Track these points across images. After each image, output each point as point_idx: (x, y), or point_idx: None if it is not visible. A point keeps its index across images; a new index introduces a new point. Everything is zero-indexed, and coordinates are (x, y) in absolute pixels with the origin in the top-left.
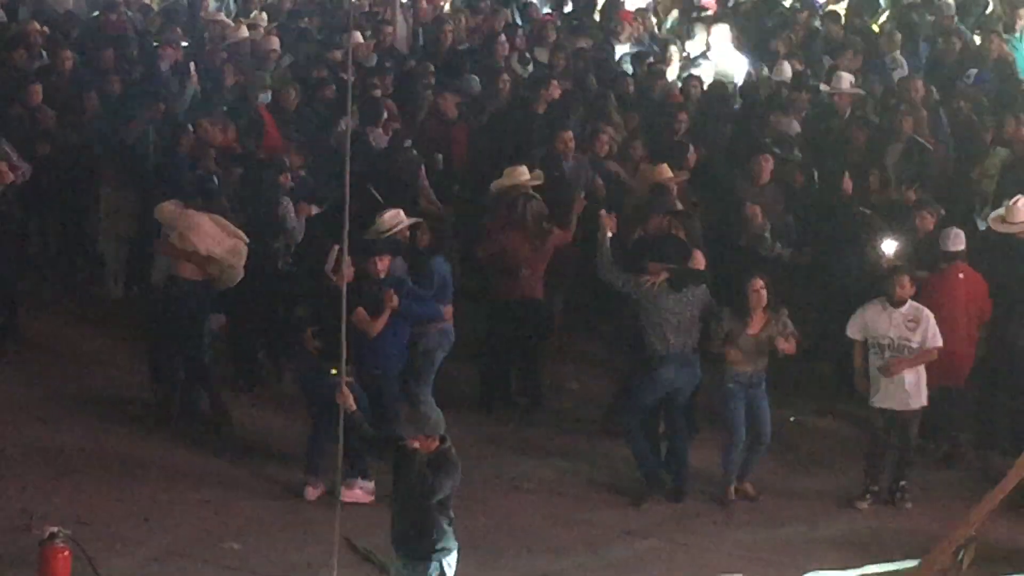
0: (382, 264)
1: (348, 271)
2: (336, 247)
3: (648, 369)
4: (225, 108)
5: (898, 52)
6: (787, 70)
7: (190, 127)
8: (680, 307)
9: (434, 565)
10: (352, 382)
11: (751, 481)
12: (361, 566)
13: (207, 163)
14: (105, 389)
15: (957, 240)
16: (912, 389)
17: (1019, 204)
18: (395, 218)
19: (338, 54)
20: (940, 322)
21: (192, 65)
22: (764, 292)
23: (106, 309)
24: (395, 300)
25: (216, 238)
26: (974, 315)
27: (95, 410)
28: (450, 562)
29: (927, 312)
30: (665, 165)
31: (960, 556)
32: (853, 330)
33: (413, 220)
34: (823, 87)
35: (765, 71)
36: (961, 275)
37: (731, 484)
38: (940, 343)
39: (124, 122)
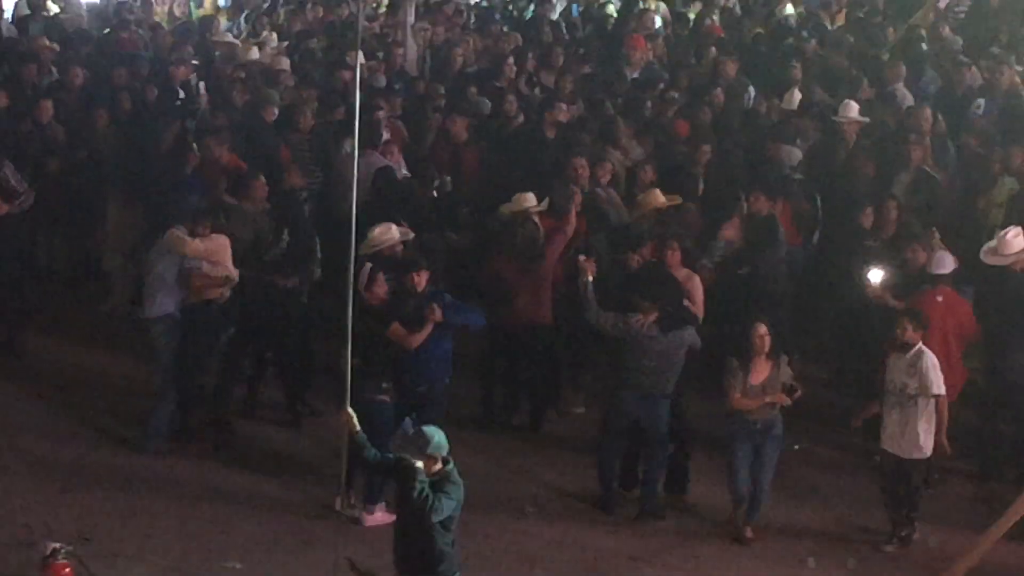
0: (419, 278)
1: (381, 288)
2: (369, 265)
3: (612, 395)
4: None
5: (901, 83)
6: (796, 98)
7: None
8: (664, 348)
9: None
10: (387, 401)
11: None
12: None
13: (216, 183)
14: (109, 405)
15: (941, 263)
16: (912, 438)
17: (1009, 236)
18: (385, 233)
19: (347, 75)
20: None
21: (202, 84)
22: (767, 339)
23: (111, 325)
24: (438, 313)
25: (230, 257)
26: (954, 337)
27: (99, 426)
28: None
29: (928, 358)
30: (657, 191)
31: None
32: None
33: (403, 235)
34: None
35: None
36: (940, 298)
37: (737, 522)
38: (940, 391)
39: (140, 139)
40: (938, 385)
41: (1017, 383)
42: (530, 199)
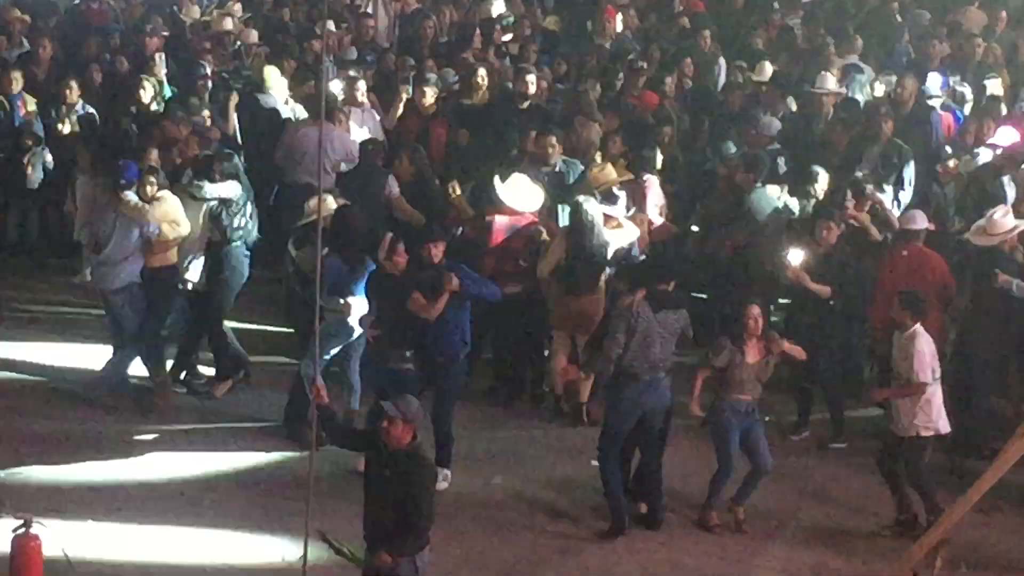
0: (436, 249)
1: (400, 259)
2: (389, 235)
3: (613, 392)
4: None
5: (856, 56)
6: (768, 70)
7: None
8: (663, 328)
9: (407, 560)
10: (412, 369)
11: (744, 506)
12: (334, 559)
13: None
14: (80, 377)
15: (910, 220)
16: (904, 416)
17: (998, 216)
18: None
19: (316, 45)
20: (877, 294)
21: (162, 56)
22: (761, 320)
23: (83, 296)
24: (455, 283)
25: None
26: (926, 293)
27: (69, 398)
28: (423, 558)
29: (919, 344)
30: (610, 166)
31: (934, 558)
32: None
33: (340, 206)
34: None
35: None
36: (905, 252)
37: (714, 510)
38: (924, 379)
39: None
40: (923, 373)
41: (987, 360)
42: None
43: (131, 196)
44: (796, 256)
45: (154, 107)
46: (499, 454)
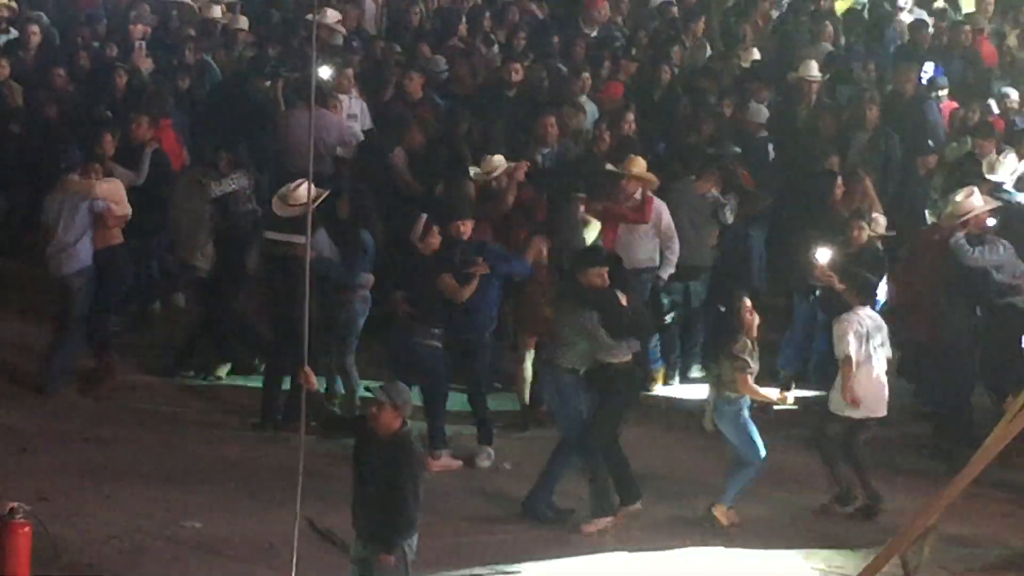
0: (464, 227)
1: (434, 240)
2: (423, 216)
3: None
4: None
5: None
6: (754, 55)
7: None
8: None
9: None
10: (438, 346)
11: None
12: (322, 546)
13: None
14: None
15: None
16: (839, 396)
17: (959, 198)
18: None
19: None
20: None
21: (141, 45)
22: (755, 314)
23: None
24: (484, 266)
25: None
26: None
27: (53, 386)
28: (411, 544)
29: (845, 327)
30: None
31: (921, 545)
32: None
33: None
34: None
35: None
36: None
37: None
38: (848, 356)
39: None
40: (848, 353)
41: (954, 345)
42: (498, 161)
43: (73, 177)
44: (824, 255)
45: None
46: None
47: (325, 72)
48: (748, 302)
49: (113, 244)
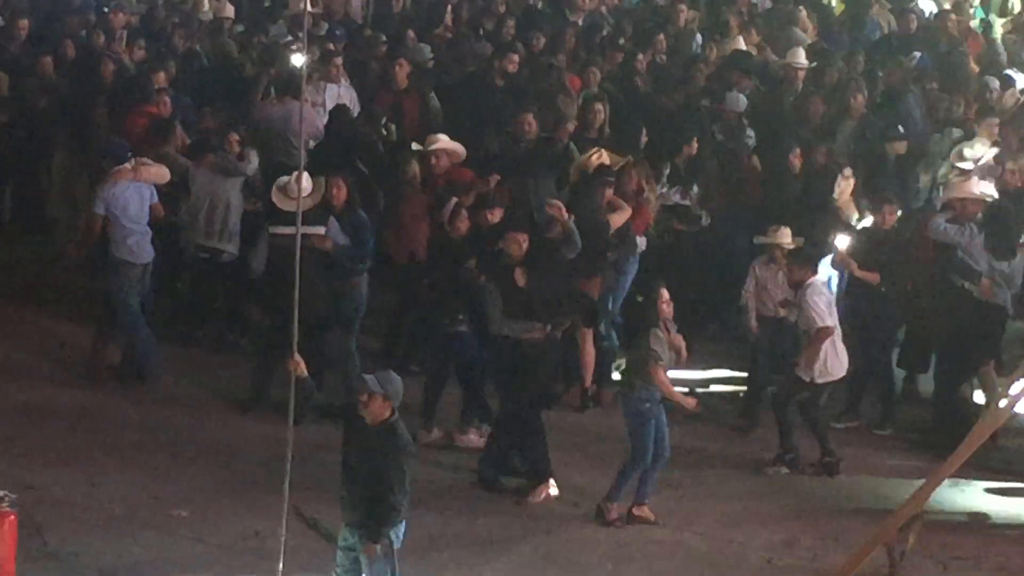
0: (492, 215)
1: (463, 224)
2: (454, 200)
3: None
4: None
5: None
6: (740, 45)
7: None
8: None
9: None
10: (465, 331)
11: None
12: (308, 534)
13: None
14: (53, 352)
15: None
16: (803, 363)
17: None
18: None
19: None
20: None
21: (123, 34)
22: (671, 304)
23: (56, 273)
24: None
25: None
26: None
27: (44, 373)
28: (398, 533)
29: (812, 295)
30: (603, 151)
31: (907, 533)
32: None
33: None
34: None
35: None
36: None
37: (616, 502)
38: (823, 323)
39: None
40: (821, 319)
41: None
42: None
43: (127, 166)
44: (843, 241)
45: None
46: None
47: (298, 61)
48: (666, 293)
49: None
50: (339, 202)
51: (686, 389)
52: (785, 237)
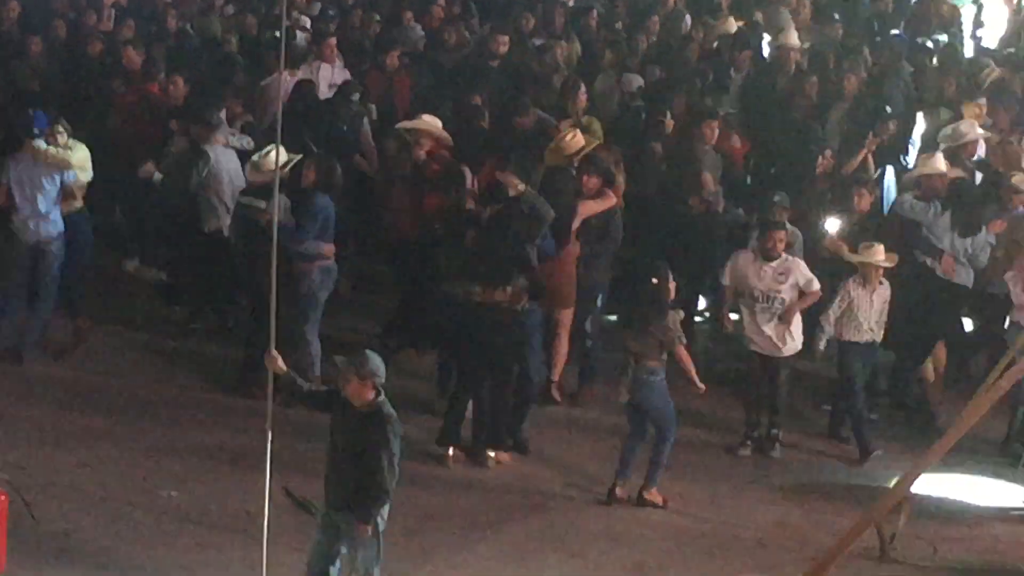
0: (519, 188)
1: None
2: (474, 176)
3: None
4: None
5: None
6: (732, 25)
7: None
8: None
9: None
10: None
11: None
12: (297, 515)
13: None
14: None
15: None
16: (779, 336)
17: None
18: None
19: None
20: None
21: (111, 13)
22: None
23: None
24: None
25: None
26: None
27: (32, 353)
28: (383, 514)
29: (798, 263)
30: (579, 132)
31: (898, 514)
32: (725, 276)
33: (292, 159)
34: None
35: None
36: None
37: (656, 486)
38: (816, 287)
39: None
40: (815, 282)
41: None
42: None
43: (41, 144)
44: (833, 225)
45: None
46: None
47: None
48: (669, 271)
49: (77, 211)
50: (306, 183)
51: None
52: (879, 255)
